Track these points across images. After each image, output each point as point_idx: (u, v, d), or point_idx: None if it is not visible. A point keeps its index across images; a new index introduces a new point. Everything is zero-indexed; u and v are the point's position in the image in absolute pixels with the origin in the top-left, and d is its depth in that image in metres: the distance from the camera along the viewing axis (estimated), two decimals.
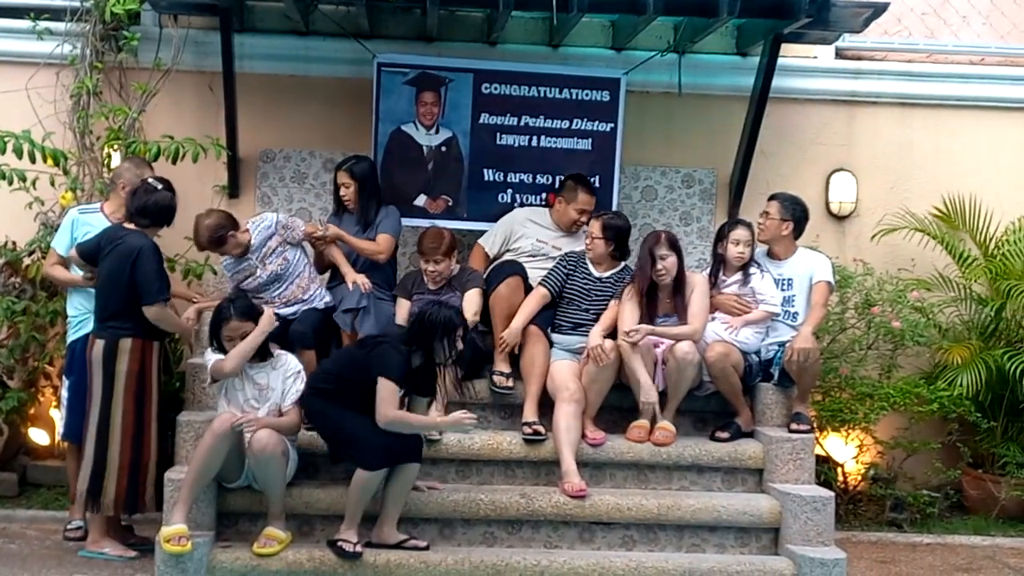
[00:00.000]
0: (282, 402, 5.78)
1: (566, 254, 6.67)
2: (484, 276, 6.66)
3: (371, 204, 6.71)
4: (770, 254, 6.65)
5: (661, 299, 6.30)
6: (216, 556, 5.56)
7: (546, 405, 6.23)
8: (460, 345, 5.70)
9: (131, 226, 5.91)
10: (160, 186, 5.94)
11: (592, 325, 6.33)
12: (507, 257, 6.86)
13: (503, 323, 6.40)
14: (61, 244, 6.25)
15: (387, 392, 5.51)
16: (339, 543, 5.59)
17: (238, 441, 5.56)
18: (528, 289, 6.55)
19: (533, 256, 6.82)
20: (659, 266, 6.21)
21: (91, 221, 6.19)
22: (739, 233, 6.44)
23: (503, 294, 6.44)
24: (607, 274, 6.49)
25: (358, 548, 5.58)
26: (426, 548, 5.71)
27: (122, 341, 5.76)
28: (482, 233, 7.16)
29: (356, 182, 6.66)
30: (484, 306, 6.47)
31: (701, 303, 6.27)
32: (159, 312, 5.84)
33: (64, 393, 6.24)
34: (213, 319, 5.79)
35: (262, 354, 5.79)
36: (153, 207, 5.90)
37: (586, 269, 6.51)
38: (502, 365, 6.42)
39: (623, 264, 6.56)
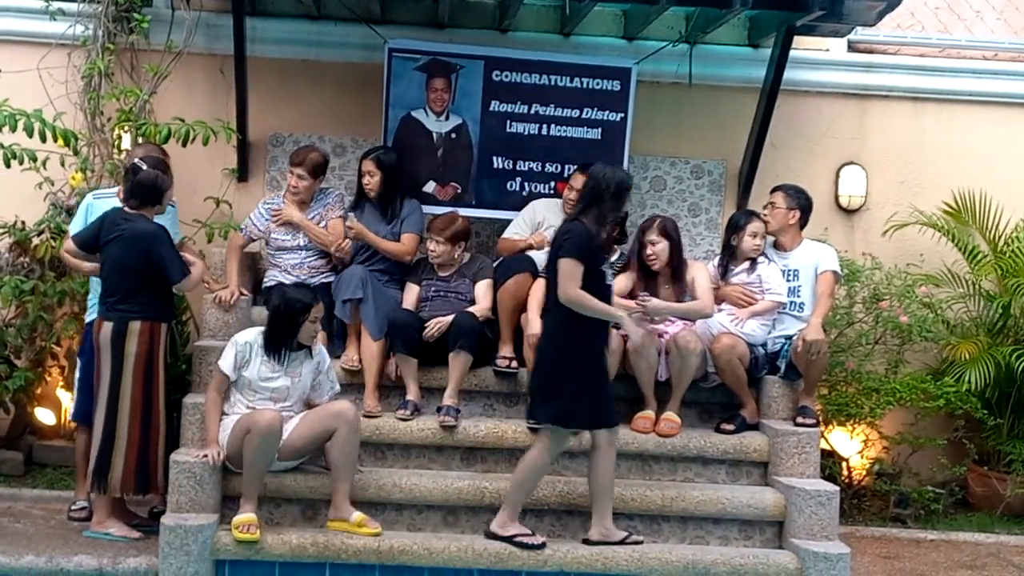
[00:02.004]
0: (316, 396, 5.85)
1: None
2: (494, 267, 6.66)
3: (395, 196, 6.73)
4: (776, 245, 6.64)
5: (660, 284, 6.33)
6: (220, 539, 5.56)
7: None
8: (627, 207, 5.70)
9: (132, 211, 5.87)
10: (145, 166, 5.89)
11: None
12: None
13: (509, 316, 6.39)
14: (78, 230, 6.21)
15: (567, 267, 5.43)
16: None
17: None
18: None
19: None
20: (648, 251, 6.28)
21: (106, 207, 6.10)
22: (757, 225, 6.49)
23: (511, 290, 6.42)
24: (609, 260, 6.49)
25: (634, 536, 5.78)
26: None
27: (131, 323, 5.74)
28: (490, 221, 7.23)
29: (382, 172, 6.67)
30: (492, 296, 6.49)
31: (705, 284, 6.32)
32: (189, 283, 5.95)
33: (77, 373, 6.25)
34: (291, 305, 5.67)
35: (303, 345, 5.80)
36: (137, 187, 5.86)
37: None
38: (506, 351, 6.42)
39: (619, 251, 6.59)
